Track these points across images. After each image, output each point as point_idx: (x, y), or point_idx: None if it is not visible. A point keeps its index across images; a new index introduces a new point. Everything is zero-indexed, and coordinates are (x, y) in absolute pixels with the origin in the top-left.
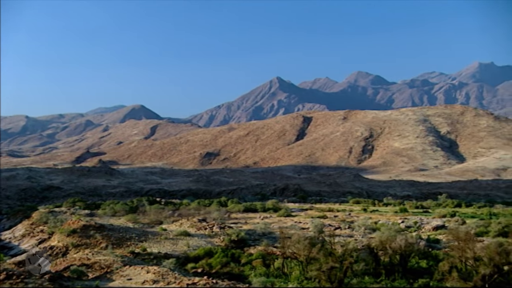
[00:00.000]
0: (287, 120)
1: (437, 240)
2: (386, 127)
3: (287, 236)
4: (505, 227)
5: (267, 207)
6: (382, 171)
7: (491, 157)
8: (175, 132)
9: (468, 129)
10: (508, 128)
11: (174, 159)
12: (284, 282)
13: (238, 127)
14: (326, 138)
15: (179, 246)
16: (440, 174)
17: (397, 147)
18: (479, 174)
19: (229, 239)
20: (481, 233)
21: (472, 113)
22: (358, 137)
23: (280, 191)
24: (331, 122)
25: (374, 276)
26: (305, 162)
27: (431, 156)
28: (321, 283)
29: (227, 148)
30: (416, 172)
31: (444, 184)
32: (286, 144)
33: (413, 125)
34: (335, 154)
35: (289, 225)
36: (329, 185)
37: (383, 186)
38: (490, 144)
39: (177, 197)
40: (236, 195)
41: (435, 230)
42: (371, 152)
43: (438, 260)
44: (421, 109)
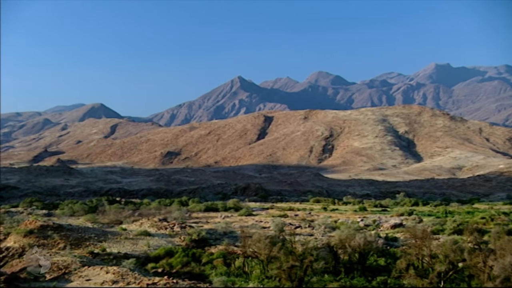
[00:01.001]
0: (248, 120)
1: (395, 238)
2: (346, 126)
3: (248, 235)
4: (460, 225)
5: (228, 207)
6: (342, 170)
7: (447, 156)
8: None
9: (425, 129)
10: (463, 128)
11: (134, 158)
12: (245, 281)
13: (199, 126)
14: (287, 138)
15: (139, 246)
16: (398, 173)
17: (356, 146)
18: (435, 173)
19: (190, 238)
20: (437, 231)
21: (429, 113)
22: (318, 137)
23: (241, 191)
24: (292, 122)
25: (334, 274)
26: (266, 162)
27: (390, 156)
28: (281, 281)
29: (188, 148)
30: (375, 171)
31: (402, 183)
32: (248, 143)
33: (372, 125)
34: (296, 154)
35: (250, 224)
36: (290, 184)
37: (343, 185)
38: (446, 143)
39: (137, 196)
40: (197, 194)
41: (393, 228)
42: (331, 152)
43: (396, 258)
44: (380, 109)
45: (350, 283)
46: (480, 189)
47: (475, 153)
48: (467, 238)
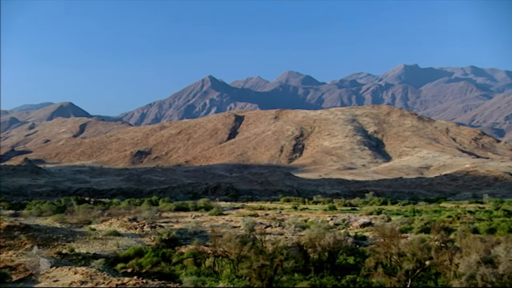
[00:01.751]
0: (219, 119)
1: (364, 237)
2: (316, 126)
3: (219, 235)
4: (427, 223)
5: (198, 206)
6: (312, 170)
7: (415, 156)
8: (105, 130)
9: (394, 129)
10: (431, 128)
11: (104, 157)
12: (215, 280)
13: (170, 126)
14: (258, 137)
15: (108, 246)
16: (367, 172)
17: (326, 146)
18: (404, 172)
19: (160, 238)
20: (405, 229)
21: (398, 113)
22: (289, 136)
23: (212, 190)
24: (262, 121)
25: (304, 273)
26: (237, 161)
27: (359, 155)
28: (251, 281)
29: (159, 147)
30: (345, 171)
31: (371, 182)
32: (218, 143)
33: (342, 125)
34: (267, 153)
35: (220, 224)
36: (260, 184)
37: (313, 185)
38: (414, 143)
39: (107, 196)
40: (168, 194)
41: (362, 227)
42: (301, 151)
43: (365, 257)
44: (350, 109)
45: (320, 282)
46: (447, 188)
47: (442, 152)
48: (434, 237)
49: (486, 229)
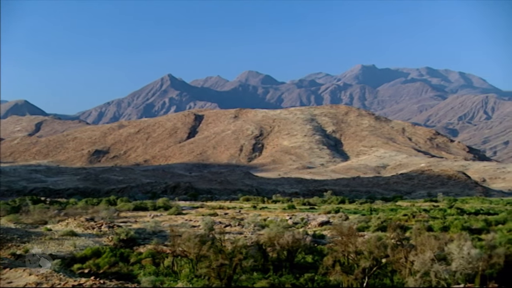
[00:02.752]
0: (178, 118)
1: (322, 235)
2: (276, 126)
3: (178, 234)
4: (384, 222)
5: (157, 206)
6: (271, 169)
7: (372, 155)
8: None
9: (352, 129)
10: (388, 128)
11: (60, 156)
12: (174, 280)
13: (128, 124)
14: (218, 136)
15: (65, 246)
16: (326, 171)
17: (286, 145)
18: (361, 171)
19: (118, 238)
20: (362, 228)
21: (355, 113)
22: (248, 136)
23: (171, 189)
24: (222, 121)
25: (263, 272)
26: (196, 160)
27: (318, 154)
28: (210, 280)
29: (117, 146)
30: (304, 170)
31: (330, 181)
32: (178, 142)
33: (301, 124)
34: (226, 152)
35: (179, 223)
36: (220, 183)
37: (272, 184)
38: (371, 143)
39: (63, 196)
40: (126, 193)
41: (320, 226)
42: (261, 150)
43: (323, 255)
44: (309, 109)
45: (279, 281)
46: (403, 187)
47: (398, 152)
48: (390, 235)
49: (440, 227)
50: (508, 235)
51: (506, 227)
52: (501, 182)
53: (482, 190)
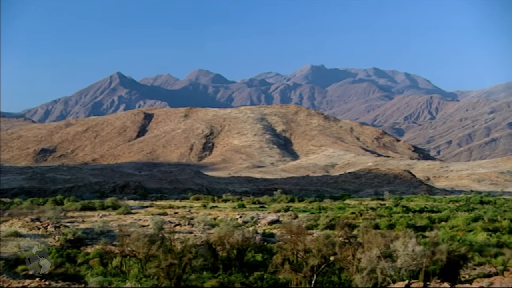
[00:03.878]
0: (128, 117)
1: (272, 234)
2: (226, 125)
3: (126, 234)
4: (332, 220)
5: (106, 205)
6: (222, 168)
7: (321, 154)
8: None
9: (301, 128)
10: (336, 127)
11: (4, 155)
12: (122, 280)
13: (76, 123)
14: (168, 135)
15: (8, 247)
16: (276, 170)
17: (236, 144)
18: (310, 170)
19: (65, 238)
20: (311, 226)
21: (305, 112)
22: (199, 135)
23: (120, 189)
24: (172, 119)
25: (212, 271)
26: (146, 159)
27: (268, 154)
28: (160, 280)
29: (64, 145)
30: (254, 169)
31: (279, 180)
32: (127, 140)
33: (251, 123)
34: (177, 151)
35: (128, 223)
36: (170, 182)
37: (223, 183)
38: (320, 142)
39: (7, 196)
40: (74, 193)
41: (270, 224)
42: (211, 149)
43: (273, 253)
44: (259, 108)
45: (228, 280)
46: (351, 185)
47: (346, 151)
48: (338, 233)
49: (386, 224)
50: (451, 232)
51: (448, 225)
52: (444, 180)
53: (426, 188)
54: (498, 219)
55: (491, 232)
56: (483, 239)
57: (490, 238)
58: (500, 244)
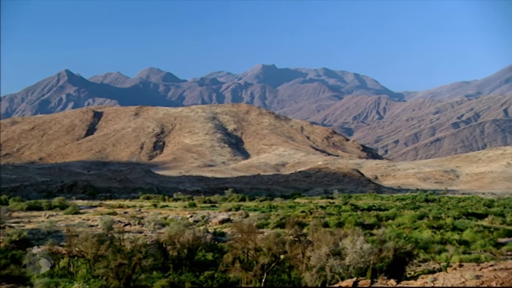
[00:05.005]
0: (76, 115)
1: (223, 233)
2: (177, 123)
3: (74, 234)
4: (283, 218)
5: (53, 205)
6: (172, 167)
7: (272, 153)
8: None
9: (253, 127)
10: (287, 127)
11: None
12: (70, 281)
13: (22, 121)
14: (117, 134)
15: None
16: (227, 169)
17: (187, 143)
18: (261, 169)
19: (10, 239)
20: (262, 225)
21: (256, 112)
22: (149, 133)
23: (68, 188)
24: (122, 118)
25: (163, 271)
26: (95, 158)
27: (219, 152)
28: (108, 280)
29: (10, 143)
30: (205, 168)
31: (231, 179)
32: (75, 139)
33: (202, 122)
34: (127, 150)
35: (77, 223)
36: (120, 181)
37: (174, 182)
38: (271, 141)
39: None
40: (19, 192)
41: (221, 223)
42: (162, 148)
43: (223, 252)
44: (210, 107)
45: (179, 279)
46: (301, 184)
47: (297, 150)
48: (288, 231)
49: (336, 223)
50: (397, 230)
51: (395, 222)
52: (392, 179)
53: (374, 187)
54: (442, 217)
55: (435, 229)
56: (428, 236)
57: (434, 235)
58: (444, 241)
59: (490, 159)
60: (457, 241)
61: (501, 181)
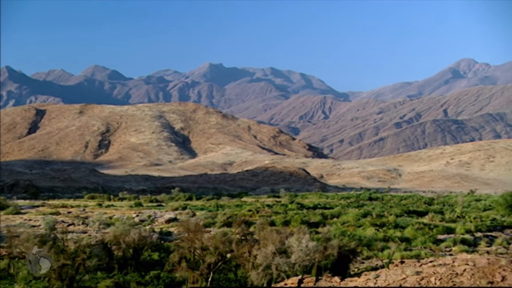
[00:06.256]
0: (18, 112)
1: (169, 232)
2: (123, 122)
3: (15, 235)
4: (230, 217)
5: None
6: (118, 166)
7: (219, 152)
8: None
9: (200, 126)
10: (234, 126)
11: None
12: (10, 283)
13: None
14: (61, 132)
15: None
16: (174, 168)
17: (133, 142)
18: (208, 168)
19: None
20: (209, 224)
21: (203, 110)
22: (94, 132)
23: (8, 188)
24: (66, 116)
25: (107, 271)
26: (38, 157)
27: (166, 151)
28: (51, 281)
29: None
30: (152, 167)
31: (177, 178)
32: (17, 138)
33: (149, 121)
34: (71, 149)
35: (18, 223)
36: (63, 181)
37: (119, 181)
38: (218, 140)
39: None
40: None
41: (167, 223)
42: (107, 147)
43: (170, 252)
44: (157, 106)
45: (124, 279)
46: (248, 183)
47: (244, 149)
48: (235, 230)
49: (282, 221)
50: (342, 228)
51: (340, 220)
52: (337, 178)
53: (320, 185)
54: (385, 215)
55: (378, 227)
56: (371, 234)
57: (377, 233)
58: (387, 238)
59: (431, 158)
60: (399, 238)
61: (441, 180)
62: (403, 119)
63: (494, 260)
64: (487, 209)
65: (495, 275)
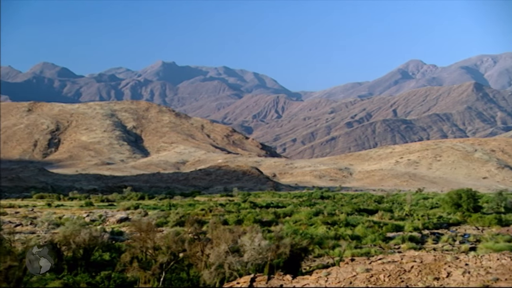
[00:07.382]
0: None
1: (121, 232)
2: (74, 120)
3: None
4: (182, 217)
5: None
6: (68, 165)
7: (172, 151)
8: None
9: (153, 125)
10: (187, 125)
11: None
12: None
13: None
14: (8, 131)
15: None
16: (126, 167)
17: (84, 140)
18: (161, 167)
19: None
20: (161, 223)
21: (156, 109)
22: (43, 130)
23: None
24: (14, 114)
25: (56, 272)
26: None
27: (118, 150)
28: None
29: None
30: (103, 166)
31: (129, 177)
32: None
33: (100, 119)
34: (18, 148)
35: None
36: (10, 180)
37: (70, 180)
38: (171, 139)
39: None
40: None
41: (119, 222)
42: (57, 146)
43: (121, 252)
44: (109, 104)
45: (73, 280)
46: (201, 182)
47: (197, 148)
48: (188, 229)
49: (235, 220)
50: (294, 226)
51: (292, 219)
52: (289, 177)
53: (273, 184)
54: (336, 213)
55: (330, 225)
56: (322, 232)
57: (329, 231)
58: (338, 237)
59: (380, 157)
60: (349, 236)
61: (390, 178)
62: (354, 118)
63: (440, 257)
64: (434, 207)
65: (441, 271)
